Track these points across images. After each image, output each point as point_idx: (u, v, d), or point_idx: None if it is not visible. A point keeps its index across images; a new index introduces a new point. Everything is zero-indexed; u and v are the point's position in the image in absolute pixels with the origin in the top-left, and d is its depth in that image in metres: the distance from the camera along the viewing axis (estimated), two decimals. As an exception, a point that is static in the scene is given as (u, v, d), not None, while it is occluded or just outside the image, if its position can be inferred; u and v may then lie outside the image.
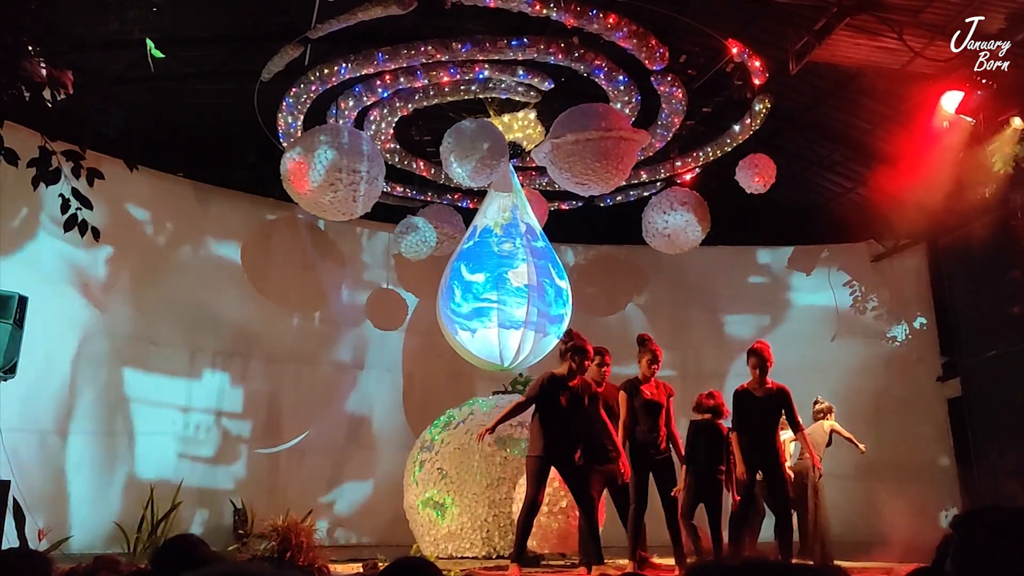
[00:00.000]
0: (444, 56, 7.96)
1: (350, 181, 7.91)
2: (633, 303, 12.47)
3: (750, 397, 6.67)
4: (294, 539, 7.69)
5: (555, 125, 8.24)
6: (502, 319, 8.89)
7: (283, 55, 8.02)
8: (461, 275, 9.09)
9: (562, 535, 7.86)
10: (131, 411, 9.35)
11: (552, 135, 8.22)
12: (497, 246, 9.09)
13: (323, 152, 7.80)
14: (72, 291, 8.84)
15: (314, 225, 10.63)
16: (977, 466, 10.49)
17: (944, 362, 11.39)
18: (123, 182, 6.71)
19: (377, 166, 8.20)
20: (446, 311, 9.12)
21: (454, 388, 10.73)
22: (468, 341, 9.03)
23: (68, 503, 8.49)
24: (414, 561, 2.62)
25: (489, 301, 8.90)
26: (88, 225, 4.56)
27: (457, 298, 9.03)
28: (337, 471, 10.88)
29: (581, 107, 8.23)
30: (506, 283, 8.94)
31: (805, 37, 8.00)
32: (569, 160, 8.05)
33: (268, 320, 10.71)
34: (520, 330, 8.86)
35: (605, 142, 7.98)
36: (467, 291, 9.00)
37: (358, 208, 8.18)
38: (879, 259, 12.07)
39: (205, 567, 2.03)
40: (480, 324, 8.91)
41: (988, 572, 1.65)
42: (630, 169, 8.72)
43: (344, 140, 8.00)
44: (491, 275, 8.96)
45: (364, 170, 7.95)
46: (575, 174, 8.14)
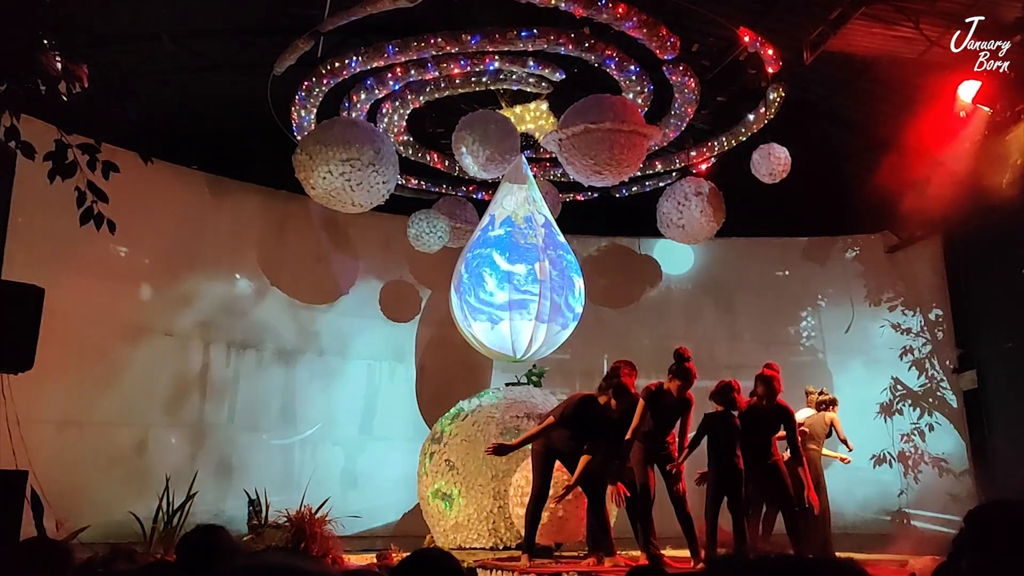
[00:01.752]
0: (454, 48, 7.95)
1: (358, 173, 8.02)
2: (647, 295, 12.44)
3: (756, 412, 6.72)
4: (308, 529, 7.78)
5: (567, 114, 8.22)
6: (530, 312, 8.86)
7: (294, 49, 8.04)
8: (496, 263, 8.92)
9: (552, 526, 7.83)
10: (146, 402, 9.42)
11: (563, 124, 8.20)
12: (524, 239, 9.05)
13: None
14: (87, 282, 8.90)
15: (328, 217, 10.65)
16: (993, 459, 10.43)
17: (960, 354, 11.32)
18: (138, 175, 6.75)
19: (386, 160, 8.24)
20: (467, 299, 8.98)
21: (467, 380, 10.76)
22: (485, 333, 8.99)
23: (84, 493, 8.56)
24: (432, 552, 2.64)
25: (531, 294, 8.84)
26: (104, 218, 4.59)
27: (490, 286, 8.87)
28: (351, 462, 10.93)
29: (594, 97, 8.20)
30: (534, 275, 8.91)
31: (820, 27, 7.94)
32: (578, 149, 8.03)
33: (282, 312, 10.76)
34: (532, 322, 8.85)
35: (615, 134, 7.95)
36: (505, 280, 8.84)
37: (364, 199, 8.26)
38: (894, 250, 11.98)
39: (232, 558, 2.04)
40: (519, 316, 8.82)
41: (1003, 566, 1.64)
42: (639, 163, 8.67)
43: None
44: (531, 267, 8.90)
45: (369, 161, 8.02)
46: (583, 164, 8.12)
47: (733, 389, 6.68)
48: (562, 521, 7.62)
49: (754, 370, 7.14)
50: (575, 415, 6.43)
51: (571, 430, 6.47)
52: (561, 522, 7.64)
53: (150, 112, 7.49)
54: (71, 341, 8.60)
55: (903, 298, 11.86)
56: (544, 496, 6.64)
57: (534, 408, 8.85)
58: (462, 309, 9.10)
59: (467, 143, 8.46)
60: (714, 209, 10.05)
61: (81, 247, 8.29)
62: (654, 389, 6.57)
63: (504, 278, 8.83)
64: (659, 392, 6.55)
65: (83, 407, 8.85)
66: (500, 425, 8.73)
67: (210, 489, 9.58)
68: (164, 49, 8.53)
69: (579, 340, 9.98)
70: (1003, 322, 10.06)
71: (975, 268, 10.88)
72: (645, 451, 6.59)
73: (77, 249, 8.43)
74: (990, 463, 10.50)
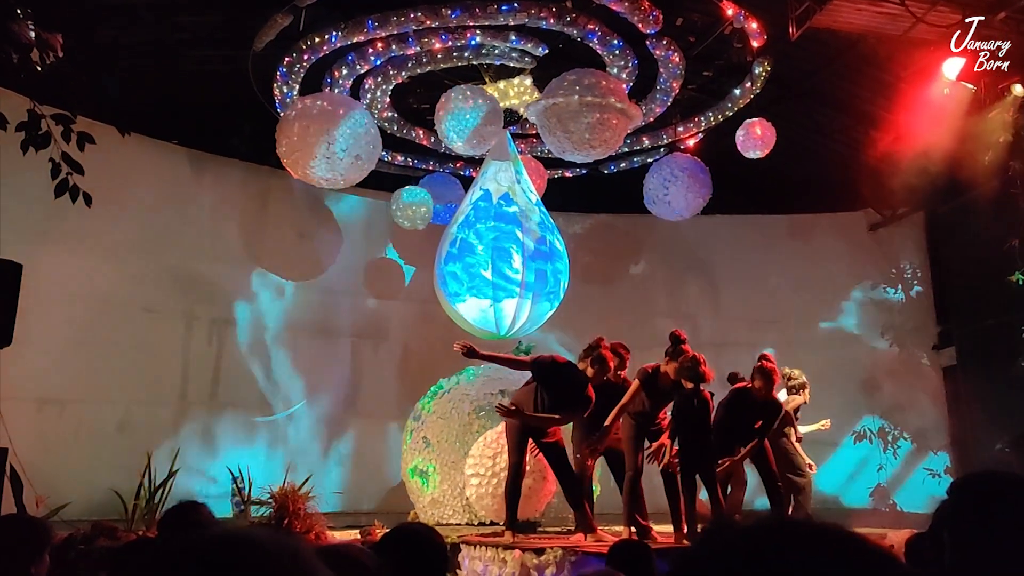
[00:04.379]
0: (434, 22, 7.86)
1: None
2: (630, 272, 12.45)
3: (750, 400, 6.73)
4: (291, 506, 7.77)
5: (548, 87, 8.19)
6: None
7: (272, 24, 7.93)
8: (519, 239, 8.82)
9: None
10: (127, 379, 9.34)
11: (545, 96, 8.16)
12: (522, 216, 9.03)
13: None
14: (66, 257, 8.80)
15: (311, 193, 10.56)
16: (972, 434, 10.55)
17: (940, 331, 11.41)
18: (118, 149, 6.66)
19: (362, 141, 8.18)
20: (488, 277, 8.83)
21: (451, 357, 10.71)
22: (469, 310, 8.97)
23: (65, 471, 8.51)
24: (414, 526, 2.63)
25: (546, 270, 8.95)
26: (80, 190, 4.51)
27: (516, 263, 8.78)
28: (334, 439, 10.91)
29: (577, 71, 8.16)
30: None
31: (806, 2, 7.91)
32: (558, 122, 8.00)
33: (265, 288, 10.69)
34: (515, 299, 8.83)
35: (597, 109, 7.92)
36: (531, 258, 8.85)
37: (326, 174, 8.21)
38: (876, 228, 12.03)
39: (204, 530, 2.03)
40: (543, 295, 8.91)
41: (984, 538, 1.65)
42: (620, 140, 8.61)
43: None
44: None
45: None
46: (563, 137, 8.09)
47: (699, 363, 6.52)
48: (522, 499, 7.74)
49: (737, 347, 7.18)
50: (551, 371, 6.42)
51: (551, 394, 6.44)
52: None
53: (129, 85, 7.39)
54: (50, 317, 8.53)
55: (885, 275, 11.93)
56: (520, 471, 6.64)
57: (509, 385, 8.87)
58: (449, 281, 9.00)
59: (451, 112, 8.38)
60: (700, 184, 10.04)
61: (60, 222, 8.18)
62: (650, 372, 6.50)
63: (531, 256, 8.81)
64: (655, 374, 6.48)
65: (64, 384, 8.78)
66: (474, 402, 8.75)
67: (193, 466, 9.56)
68: (143, 21, 8.38)
69: (563, 317, 9.96)
70: (982, 299, 10.13)
71: (957, 246, 10.94)
72: (636, 428, 6.57)
73: (56, 224, 8.32)
74: (968, 439, 10.62)
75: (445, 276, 9.00)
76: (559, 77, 8.12)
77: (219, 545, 0.85)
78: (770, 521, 0.87)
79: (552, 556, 5.85)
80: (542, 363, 6.50)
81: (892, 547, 5.73)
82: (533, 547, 6.07)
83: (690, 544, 4.83)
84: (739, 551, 0.84)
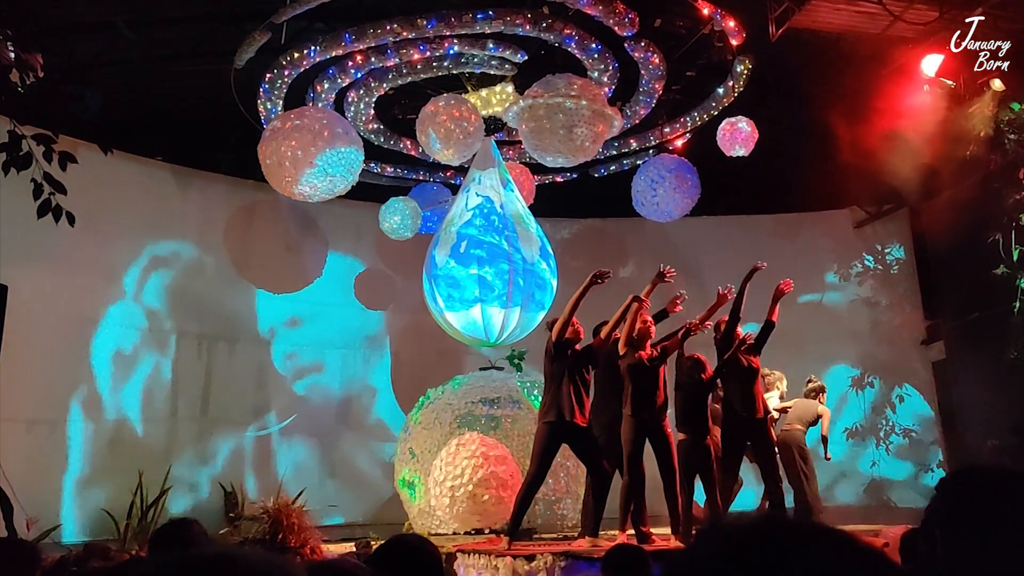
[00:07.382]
0: (411, 33, 7.86)
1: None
2: (619, 275, 12.44)
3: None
4: (285, 520, 7.71)
5: (527, 92, 8.23)
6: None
7: (251, 41, 7.92)
8: (514, 248, 8.95)
9: (475, 510, 7.91)
10: (117, 397, 9.29)
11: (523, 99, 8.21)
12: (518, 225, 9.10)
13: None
14: (52, 277, 8.75)
15: (297, 206, 10.53)
16: (962, 428, 10.59)
17: (928, 326, 11.46)
18: (102, 167, 6.64)
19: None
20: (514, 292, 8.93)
21: (442, 366, 10.71)
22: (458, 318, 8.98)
23: (56, 492, 8.45)
24: (408, 538, 2.61)
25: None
26: (63, 210, 4.48)
27: (507, 272, 8.92)
28: (327, 452, 10.87)
29: (556, 76, 8.20)
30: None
31: (785, 3, 7.95)
32: (537, 126, 8.03)
33: (253, 302, 10.65)
34: (504, 308, 8.85)
35: (575, 113, 7.96)
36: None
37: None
38: (862, 225, 12.08)
39: (195, 548, 2.01)
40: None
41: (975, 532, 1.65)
42: (600, 143, 8.66)
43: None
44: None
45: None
46: (541, 141, 8.13)
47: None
48: (485, 505, 7.72)
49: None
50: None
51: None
52: (484, 506, 7.75)
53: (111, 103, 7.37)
54: (38, 337, 8.47)
55: (871, 272, 11.98)
56: (538, 481, 6.51)
57: (491, 393, 8.89)
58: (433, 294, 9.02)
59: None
60: (688, 186, 10.05)
61: (45, 242, 8.13)
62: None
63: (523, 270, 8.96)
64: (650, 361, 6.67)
65: (52, 404, 8.73)
66: (455, 412, 8.75)
67: (185, 483, 9.50)
68: (123, 39, 8.36)
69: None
70: (969, 293, 10.19)
71: (942, 240, 10.99)
72: (636, 428, 6.54)
73: (41, 244, 8.27)
74: (959, 432, 10.66)
75: (440, 280, 8.99)
76: (538, 81, 8.17)
77: (207, 566, 0.85)
78: (762, 521, 0.87)
79: (543, 562, 5.87)
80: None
81: (887, 544, 5.75)
82: (524, 553, 6.06)
83: (684, 545, 4.83)
84: (732, 552, 0.84)
